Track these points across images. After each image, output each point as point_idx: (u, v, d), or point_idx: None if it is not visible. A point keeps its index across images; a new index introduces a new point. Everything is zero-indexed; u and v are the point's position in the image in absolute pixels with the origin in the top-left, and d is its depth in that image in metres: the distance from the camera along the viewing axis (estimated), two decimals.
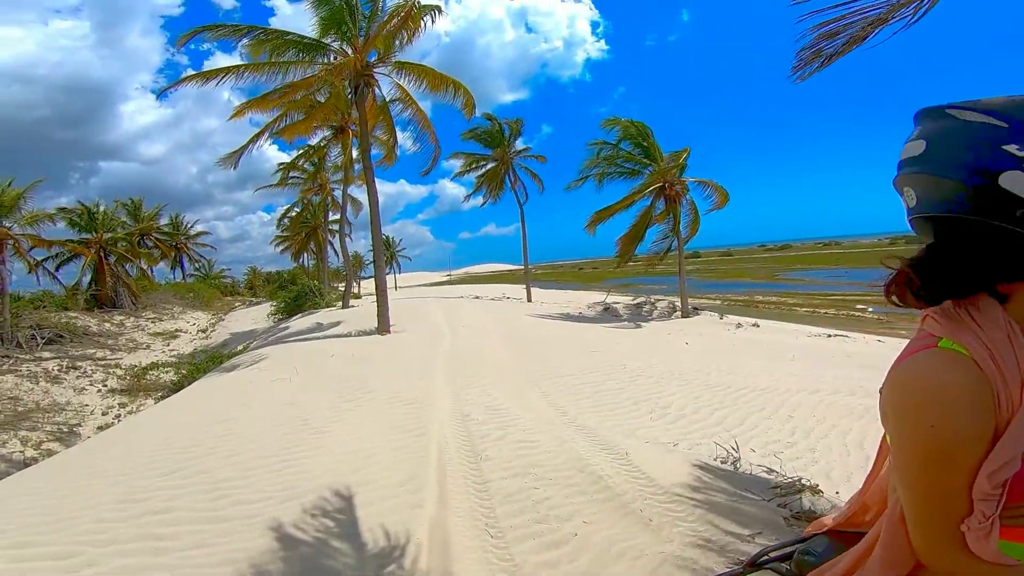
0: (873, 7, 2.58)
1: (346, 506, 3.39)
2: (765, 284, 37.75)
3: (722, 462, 3.85)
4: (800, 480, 3.41)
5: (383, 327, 12.11)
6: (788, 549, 1.19)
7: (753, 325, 14.72)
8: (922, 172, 0.74)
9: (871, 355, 9.10)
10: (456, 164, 25.20)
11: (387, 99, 13.82)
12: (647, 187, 17.29)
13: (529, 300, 23.86)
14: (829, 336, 12.64)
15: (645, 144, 17.49)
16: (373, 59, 12.38)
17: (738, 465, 3.78)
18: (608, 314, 17.83)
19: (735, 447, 4.00)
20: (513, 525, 3.05)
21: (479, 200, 25.59)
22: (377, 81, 12.81)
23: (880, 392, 0.79)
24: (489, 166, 24.38)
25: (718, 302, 25.67)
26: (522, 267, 27.41)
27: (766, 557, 1.19)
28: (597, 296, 25.04)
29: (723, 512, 3.03)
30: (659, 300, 19.48)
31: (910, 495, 0.79)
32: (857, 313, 20.38)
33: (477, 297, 25.89)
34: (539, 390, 6.19)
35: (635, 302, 19.64)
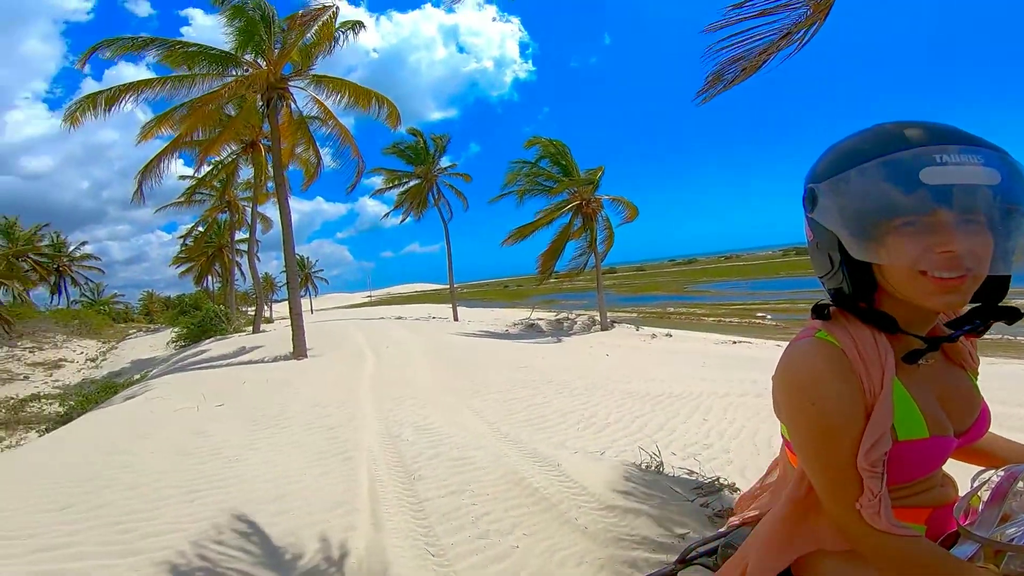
0: (767, 34, 2.92)
1: (270, 535, 3.20)
2: (676, 296, 40.09)
3: (647, 467, 4.03)
4: (719, 479, 3.65)
5: (299, 351, 11.56)
6: (713, 544, 1.29)
7: (666, 335, 15.57)
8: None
9: (772, 359, 9.89)
10: (377, 181, 24.73)
11: (305, 114, 13.35)
12: (565, 204, 17.99)
13: (456, 319, 23.71)
14: (734, 343, 13.65)
15: (563, 162, 18.23)
16: (289, 72, 12.00)
17: (661, 468, 3.97)
18: (532, 330, 18.14)
19: (657, 452, 4.21)
20: (454, 543, 3.02)
21: (399, 218, 25.25)
22: (292, 95, 12.39)
23: (773, 380, 0.89)
24: (412, 183, 24.06)
25: (634, 314, 26.92)
26: (447, 287, 27.24)
27: (694, 553, 1.27)
28: (522, 313, 25.37)
29: (652, 514, 3.18)
30: (580, 315, 20.12)
31: (812, 473, 0.88)
32: (758, 321, 22.17)
33: (400, 318, 25.37)
34: (470, 408, 6.17)
35: (557, 318, 20.15)
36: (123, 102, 10.41)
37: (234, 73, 11.23)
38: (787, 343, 0.96)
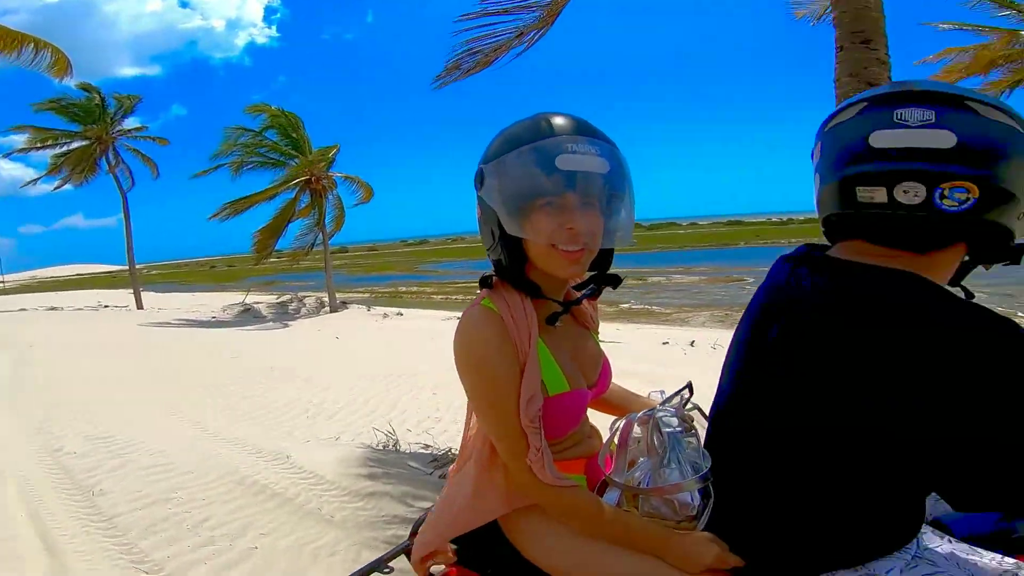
0: (504, 32, 3.15)
1: None
2: (408, 276, 41.18)
3: (384, 446, 4.03)
4: (451, 450, 3.87)
5: None
6: None
7: (397, 314, 15.89)
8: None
9: None
10: (20, 140, 18.49)
11: None
12: (291, 179, 16.54)
13: (140, 307, 19.43)
14: (458, 319, 14.76)
15: (294, 135, 16.74)
16: None
17: (398, 446, 4.03)
18: (249, 315, 16.22)
19: (392, 430, 4.25)
20: (170, 555, 2.55)
21: (53, 185, 19.51)
22: None
23: (453, 346, 0.95)
24: (76, 144, 18.73)
25: (366, 295, 26.62)
26: (127, 268, 21.96)
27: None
28: (236, 297, 22.36)
29: (396, 492, 3.21)
30: (307, 297, 18.83)
31: (490, 433, 0.96)
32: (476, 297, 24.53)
33: (55, 308, 19.54)
34: (167, 409, 5.16)
35: (280, 300, 18.45)
36: None
37: None
38: None
